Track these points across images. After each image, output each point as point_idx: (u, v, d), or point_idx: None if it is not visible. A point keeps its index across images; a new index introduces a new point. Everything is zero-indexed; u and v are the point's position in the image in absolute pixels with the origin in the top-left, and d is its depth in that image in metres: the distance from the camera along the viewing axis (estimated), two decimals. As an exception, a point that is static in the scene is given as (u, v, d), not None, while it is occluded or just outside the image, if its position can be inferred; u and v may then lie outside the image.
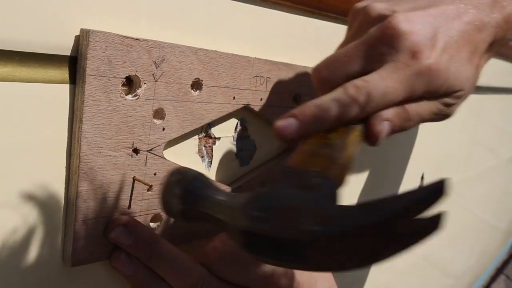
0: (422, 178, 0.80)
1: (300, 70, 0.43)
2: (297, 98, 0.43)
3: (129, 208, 0.32)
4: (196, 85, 0.34)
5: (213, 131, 0.39)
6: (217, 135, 0.39)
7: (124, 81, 0.30)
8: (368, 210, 0.22)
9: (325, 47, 0.47)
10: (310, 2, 0.43)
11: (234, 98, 0.38)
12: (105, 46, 0.28)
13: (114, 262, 0.32)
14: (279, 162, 0.45)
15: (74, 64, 0.28)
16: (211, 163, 0.39)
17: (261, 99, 0.40)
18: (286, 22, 0.42)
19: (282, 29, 0.42)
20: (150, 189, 0.33)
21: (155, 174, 0.33)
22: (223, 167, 0.40)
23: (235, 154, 0.41)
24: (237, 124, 0.41)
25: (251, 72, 0.38)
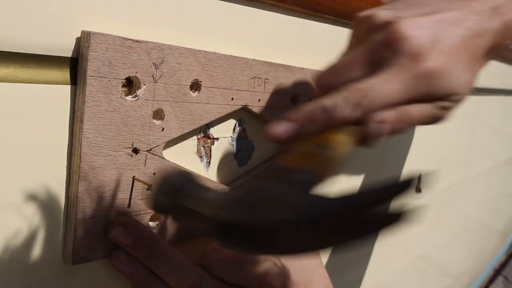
0: (420, 179, 0.80)
1: (298, 72, 0.43)
2: (294, 99, 0.44)
3: (128, 207, 0.33)
4: (195, 86, 0.35)
5: (211, 132, 0.39)
6: (215, 136, 0.39)
7: (124, 82, 0.30)
8: (335, 201, 0.23)
9: (323, 49, 0.47)
10: (308, 4, 0.43)
11: (232, 99, 0.38)
12: (105, 48, 0.28)
13: (113, 261, 0.32)
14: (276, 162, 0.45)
15: (75, 65, 0.29)
16: (210, 163, 0.40)
17: (259, 100, 0.41)
18: (284, 24, 0.42)
19: (280, 31, 0.42)
20: (149, 188, 0.33)
21: (155, 173, 0.34)
22: (222, 167, 0.41)
23: (234, 154, 0.42)
24: (235, 124, 0.41)
25: (249, 73, 0.39)
